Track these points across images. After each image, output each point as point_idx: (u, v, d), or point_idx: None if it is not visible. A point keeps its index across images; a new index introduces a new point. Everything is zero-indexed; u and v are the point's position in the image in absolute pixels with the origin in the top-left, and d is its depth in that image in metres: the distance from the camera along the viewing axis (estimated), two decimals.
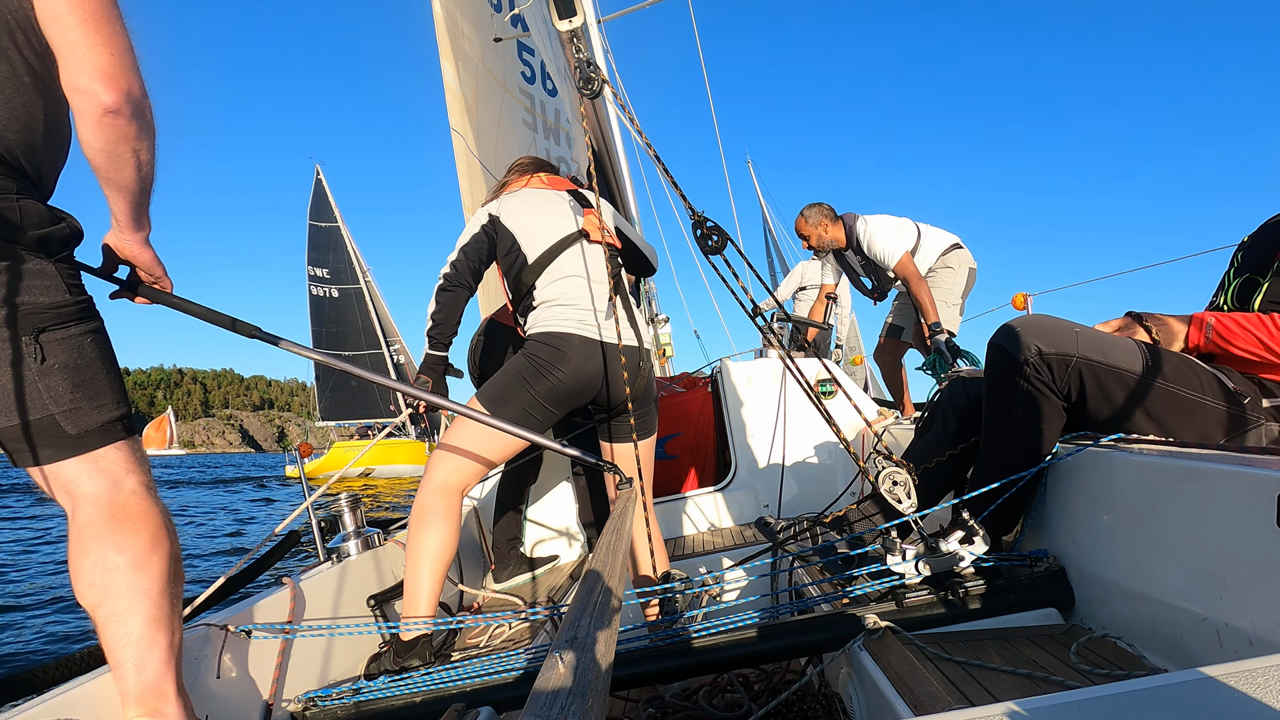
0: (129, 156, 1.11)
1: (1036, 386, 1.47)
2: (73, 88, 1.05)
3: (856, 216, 3.92)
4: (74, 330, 1.12)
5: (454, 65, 4.47)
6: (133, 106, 1.08)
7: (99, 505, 1.13)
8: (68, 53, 1.04)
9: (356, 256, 32.34)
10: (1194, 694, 0.66)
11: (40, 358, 1.07)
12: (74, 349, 1.11)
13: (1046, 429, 1.48)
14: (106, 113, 1.06)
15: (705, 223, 1.79)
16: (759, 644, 1.41)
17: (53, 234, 1.10)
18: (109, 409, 1.15)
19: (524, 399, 1.90)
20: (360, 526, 2.18)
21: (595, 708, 0.56)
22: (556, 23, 1.89)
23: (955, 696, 1.10)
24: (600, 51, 4.08)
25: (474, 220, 2.10)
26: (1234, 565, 1.03)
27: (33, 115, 1.09)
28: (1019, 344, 1.48)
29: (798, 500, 3.19)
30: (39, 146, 1.11)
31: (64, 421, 1.09)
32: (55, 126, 1.14)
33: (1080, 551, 1.43)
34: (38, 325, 1.06)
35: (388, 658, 1.71)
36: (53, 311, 1.08)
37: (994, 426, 1.57)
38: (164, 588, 1.15)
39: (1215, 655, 1.06)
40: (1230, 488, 1.03)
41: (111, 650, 1.12)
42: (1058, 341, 1.46)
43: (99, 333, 1.17)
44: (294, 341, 1.52)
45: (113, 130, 1.07)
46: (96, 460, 1.13)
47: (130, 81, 1.07)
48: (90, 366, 1.13)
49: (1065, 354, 1.45)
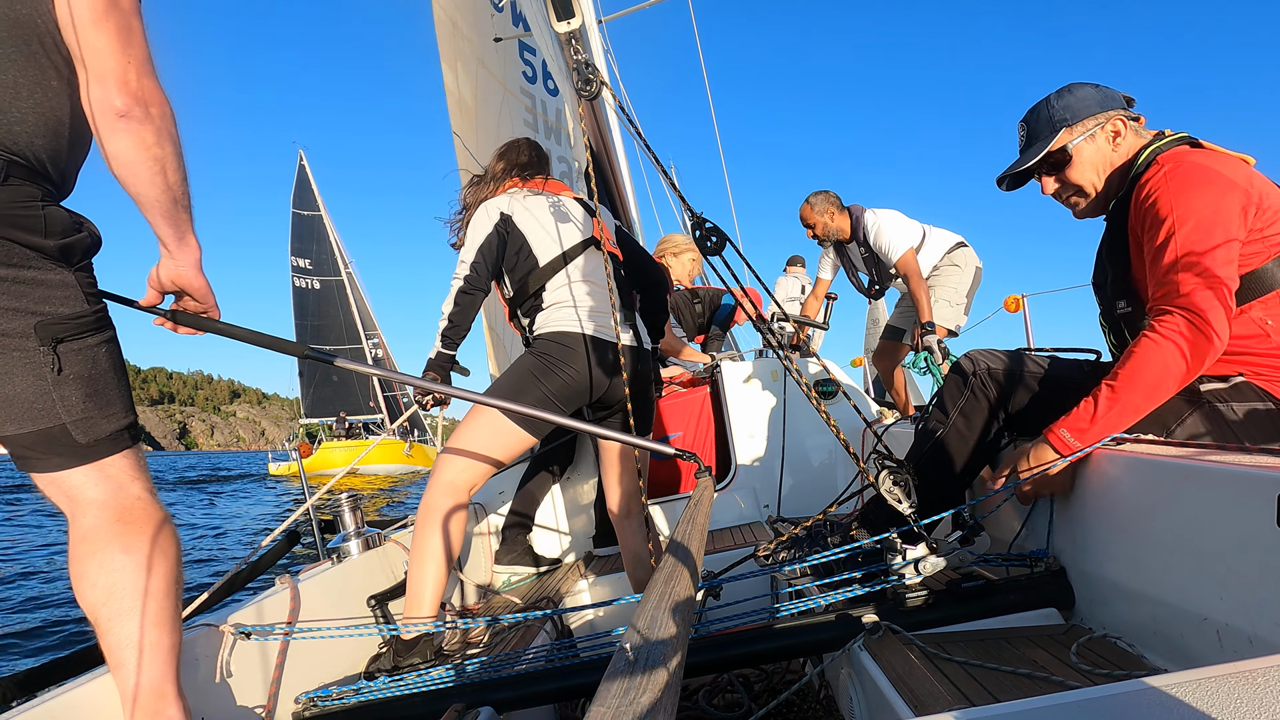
0: (153, 166, 1.10)
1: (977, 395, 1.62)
2: (90, 94, 1.06)
3: (864, 208, 3.89)
4: (90, 340, 1.12)
5: (453, 67, 4.47)
6: (145, 111, 1.08)
7: (105, 509, 1.13)
8: (86, 57, 1.05)
9: (338, 247, 32.05)
10: (1194, 694, 0.66)
11: (57, 368, 1.07)
12: (89, 359, 1.11)
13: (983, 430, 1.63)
14: (120, 117, 1.06)
15: (704, 224, 1.80)
16: (759, 644, 1.41)
17: (74, 244, 1.11)
18: (118, 418, 1.15)
19: (534, 396, 1.92)
20: (360, 526, 2.18)
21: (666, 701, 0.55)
22: (555, 24, 1.88)
23: (955, 696, 1.10)
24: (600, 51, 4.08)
25: (483, 218, 2.08)
26: (1234, 565, 1.03)
27: (60, 120, 1.10)
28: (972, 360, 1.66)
29: (798, 500, 3.19)
30: (64, 151, 1.12)
31: (75, 431, 1.10)
32: (78, 131, 1.14)
33: (1080, 551, 1.43)
34: (56, 336, 1.07)
35: (388, 657, 1.72)
36: (71, 322, 1.09)
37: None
38: (168, 589, 1.16)
39: (1215, 655, 1.06)
40: (1230, 487, 1.02)
41: (113, 651, 1.12)
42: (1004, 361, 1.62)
43: (112, 342, 1.17)
44: (347, 360, 1.53)
45: (129, 135, 1.07)
46: (104, 468, 1.14)
47: (145, 88, 1.08)
48: (104, 376, 1.14)
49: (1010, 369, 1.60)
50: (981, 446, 1.62)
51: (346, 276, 31.94)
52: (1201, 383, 1.41)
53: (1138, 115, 1.54)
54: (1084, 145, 1.53)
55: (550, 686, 1.42)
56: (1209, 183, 1.35)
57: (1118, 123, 1.52)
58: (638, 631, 0.65)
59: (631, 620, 0.69)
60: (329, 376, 30.96)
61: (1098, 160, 1.53)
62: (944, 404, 1.67)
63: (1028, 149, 1.61)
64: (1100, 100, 1.52)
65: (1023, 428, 1.64)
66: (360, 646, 1.88)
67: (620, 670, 0.58)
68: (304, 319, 31.50)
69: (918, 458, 1.68)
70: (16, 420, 1.07)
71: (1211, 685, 0.66)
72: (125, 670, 1.12)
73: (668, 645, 0.63)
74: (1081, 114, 1.52)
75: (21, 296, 1.04)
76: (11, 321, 1.03)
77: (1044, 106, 1.57)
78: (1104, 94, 1.53)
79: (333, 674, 1.76)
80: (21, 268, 1.03)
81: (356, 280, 32.04)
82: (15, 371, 1.05)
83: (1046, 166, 1.58)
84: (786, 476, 3.20)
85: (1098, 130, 1.52)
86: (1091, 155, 1.53)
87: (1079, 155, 1.53)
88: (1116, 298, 1.55)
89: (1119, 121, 1.52)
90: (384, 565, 2.17)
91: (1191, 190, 1.35)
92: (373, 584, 2.03)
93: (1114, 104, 1.53)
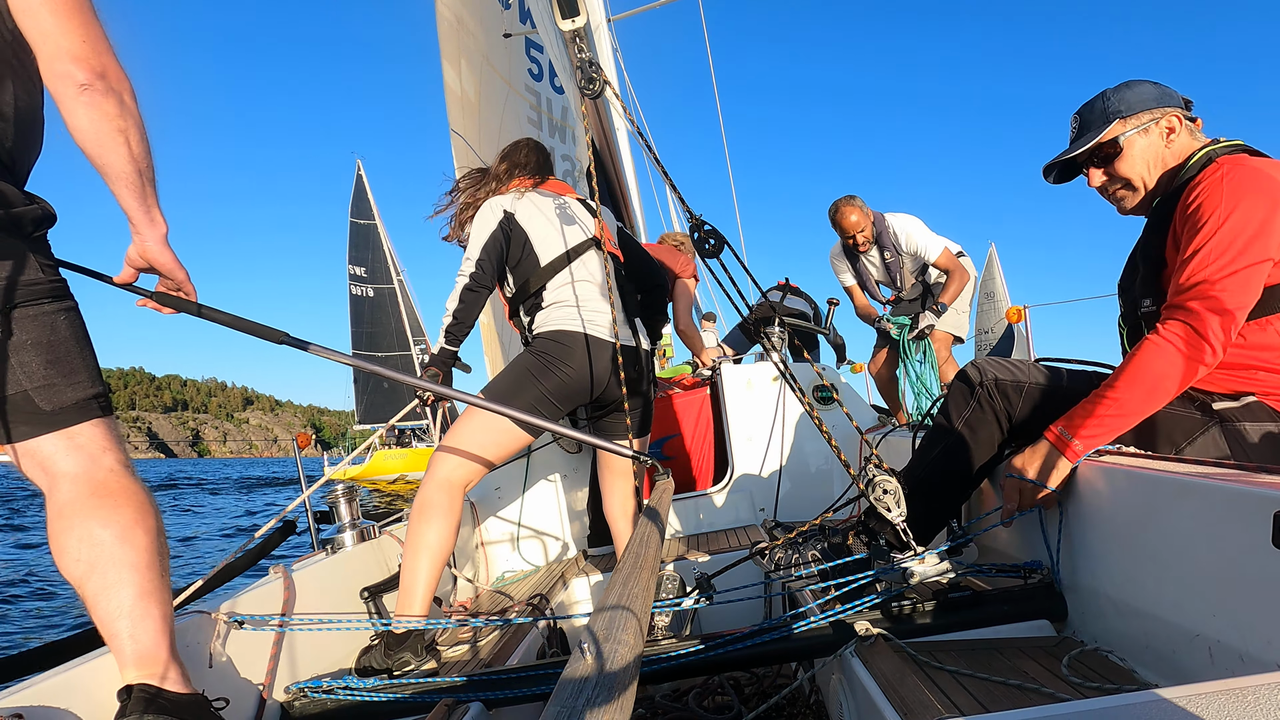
0: (116, 137, 1.12)
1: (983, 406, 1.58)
2: (50, 74, 1.09)
3: (881, 214, 3.91)
4: (47, 308, 1.13)
5: (455, 65, 4.47)
6: (106, 84, 1.11)
7: (78, 482, 1.13)
8: (41, 42, 1.08)
9: (391, 255, 32.31)
10: (1185, 710, 0.66)
11: (8, 332, 1.08)
12: (47, 326, 1.12)
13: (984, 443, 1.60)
14: (82, 89, 1.09)
15: (703, 225, 1.79)
16: (750, 647, 1.41)
17: (24, 214, 1.12)
18: (84, 386, 1.16)
19: (531, 395, 1.93)
20: (355, 518, 2.18)
21: (621, 702, 0.55)
22: (560, 22, 1.88)
23: (945, 705, 1.10)
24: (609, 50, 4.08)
25: (487, 215, 2.09)
26: (1228, 582, 1.03)
27: (9, 104, 1.12)
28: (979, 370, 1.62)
29: (795, 504, 3.19)
30: (11, 134, 1.14)
31: (38, 397, 1.10)
32: (27, 113, 1.16)
33: (1074, 564, 1.43)
34: (8, 301, 1.08)
35: (379, 650, 1.71)
36: (25, 289, 1.10)
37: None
38: (151, 560, 1.16)
39: (1207, 672, 1.06)
40: (1227, 504, 1.02)
41: (105, 623, 1.12)
42: (1011, 371, 1.58)
43: (73, 311, 1.18)
44: (322, 345, 1.50)
45: (91, 108, 1.10)
46: (73, 437, 1.14)
47: (104, 63, 1.11)
48: (64, 344, 1.14)
49: (1017, 380, 1.56)
50: (985, 458, 1.60)
51: (398, 284, 32.14)
52: (1214, 400, 1.40)
53: (1195, 117, 1.51)
54: (1136, 138, 1.49)
55: (541, 684, 1.42)
56: (1265, 192, 1.31)
57: (1173, 119, 1.48)
58: (594, 631, 0.65)
59: (589, 621, 0.70)
60: (380, 385, 31.42)
61: (1149, 155, 1.49)
62: (949, 413, 1.64)
63: (1078, 139, 1.56)
64: (1158, 96, 1.49)
65: (1026, 442, 1.60)
66: (353, 638, 1.88)
67: (576, 670, 0.58)
68: (359, 326, 31.96)
69: (920, 468, 1.67)
70: None
71: (1202, 701, 0.66)
72: (119, 641, 1.12)
73: (624, 645, 0.64)
74: (1137, 107, 1.49)
75: None
76: None
77: (1099, 99, 1.53)
78: (1162, 91, 1.50)
79: (325, 665, 1.76)
80: None
81: (407, 288, 32.23)
82: None
83: (1096, 159, 1.54)
84: (784, 480, 3.20)
85: (1152, 125, 1.48)
86: (1143, 149, 1.49)
87: (1130, 148, 1.49)
88: (1143, 296, 1.51)
89: (1175, 118, 1.48)
90: (378, 557, 2.18)
91: (1246, 196, 1.31)
92: (367, 576, 2.03)
93: (1172, 102, 1.49)
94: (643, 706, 1.92)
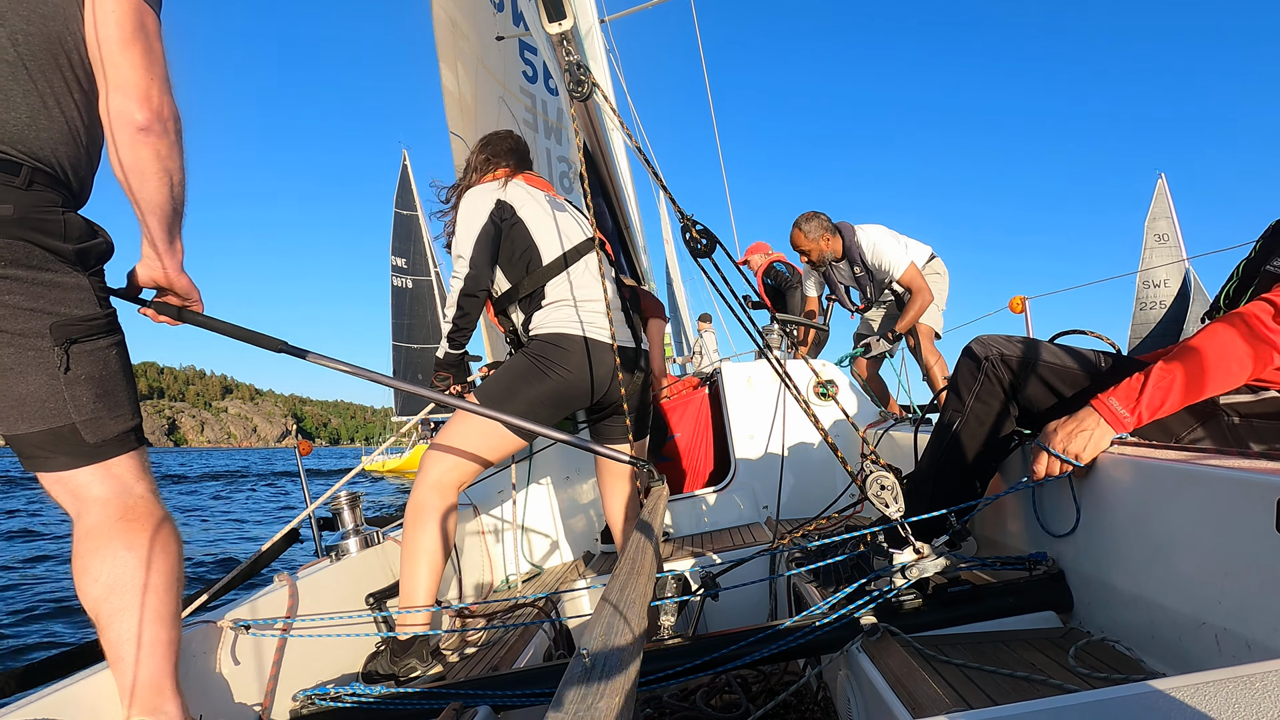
0: (162, 177, 1.15)
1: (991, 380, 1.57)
2: (109, 105, 1.11)
3: (853, 227, 3.93)
4: (101, 343, 1.15)
5: (452, 67, 4.46)
6: (163, 125, 1.13)
7: (109, 507, 1.15)
8: (111, 76, 1.10)
9: (430, 247, 32.16)
10: (1192, 698, 0.66)
11: (65, 367, 1.09)
12: (100, 360, 1.14)
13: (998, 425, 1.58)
14: (139, 130, 1.11)
15: (694, 225, 1.79)
16: (757, 645, 1.41)
17: (90, 249, 1.15)
18: (126, 419, 1.18)
19: (526, 398, 1.90)
20: (359, 524, 2.18)
21: (623, 707, 0.55)
22: (546, 25, 1.86)
23: (953, 699, 1.10)
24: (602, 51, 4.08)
25: (477, 203, 2.00)
26: (1233, 570, 1.03)
27: (79, 130, 1.14)
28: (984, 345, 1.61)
29: (797, 502, 3.19)
30: (82, 160, 1.16)
31: (85, 430, 1.12)
32: (95, 142, 1.18)
33: (1079, 554, 1.43)
34: (70, 336, 1.10)
35: (385, 657, 1.71)
36: (85, 324, 1.12)
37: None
38: (169, 585, 1.18)
39: (1214, 660, 1.06)
40: (1231, 492, 1.02)
41: (113, 646, 1.13)
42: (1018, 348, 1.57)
43: (122, 345, 1.20)
44: (319, 354, 1.50)
45: (145, 148, 1.12)
46: (110, 468, 1.16)
47: (162, 102, 1.13)
48: (113, 378, 1.16)
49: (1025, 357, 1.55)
50: (997, 436, 1.58)
51: (435, 276, 32.05)
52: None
53: None
54: None
55: (548, 686, 1.42)
56: None
57: None
58: (594, 637, 0.66)
59: (587, 626, 0.70)
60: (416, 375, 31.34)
61: None
62: (959, 390, 1.62)
63: None
64: None
65: (1033, 423, 1.59)
66: (358, 644, 1.88)
67: (577, 676, 0.59)
68: (399, 318, 32.02)
69: (939, 453, 1.64)
70: (28, 419, 1.09)
71: (1209, 690, 0.66)
72: (124, 665, 1.13)
73: (624, 651, 0.64)
74: None
75: (39, 297, 1.07)
76: (29, 321, 1.06)
77: None
78: None
79: (330, 672, 1.76)
80: (40, 269, 1.07)
81: (444, 281, 32.23)
82: (29, 370, 1.07)
83: None
84: (786, 477, 3.20)
85: None
86: None
87: None
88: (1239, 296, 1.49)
89: None
90: (382, 563, 2.17)
91: None
92: (371, 582, 2.03)
93: None
94: (650, 706, 1.91)
